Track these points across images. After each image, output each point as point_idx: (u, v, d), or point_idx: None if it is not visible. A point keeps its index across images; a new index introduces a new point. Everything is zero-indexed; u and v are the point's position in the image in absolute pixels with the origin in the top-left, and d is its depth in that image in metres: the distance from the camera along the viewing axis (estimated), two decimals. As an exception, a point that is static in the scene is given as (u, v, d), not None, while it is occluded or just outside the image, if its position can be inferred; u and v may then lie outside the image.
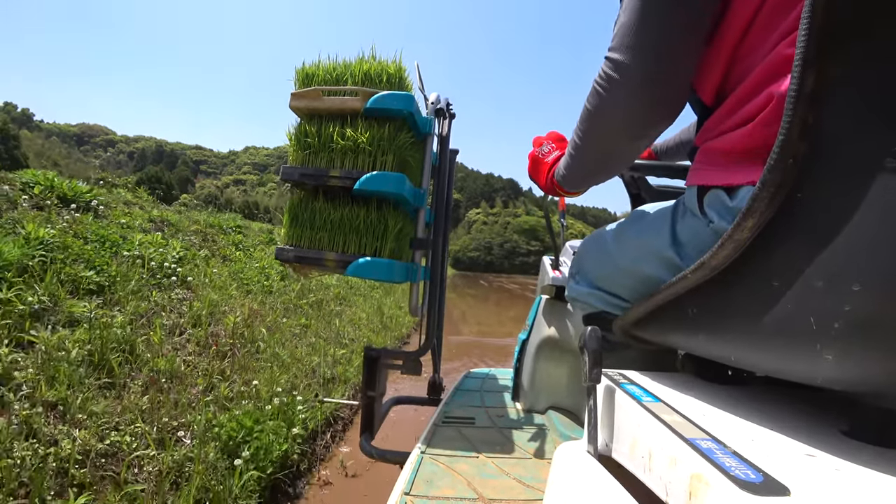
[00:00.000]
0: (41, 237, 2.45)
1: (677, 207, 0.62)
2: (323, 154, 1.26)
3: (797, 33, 0.43)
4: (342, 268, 1.23)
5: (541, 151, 0.84)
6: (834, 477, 0.33)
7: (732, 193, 0.50)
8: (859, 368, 0.36)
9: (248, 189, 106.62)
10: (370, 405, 1.38)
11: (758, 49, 0.50)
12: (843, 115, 0.35)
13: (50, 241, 2.45)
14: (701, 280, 0.46)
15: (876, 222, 0.33)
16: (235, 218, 6.60)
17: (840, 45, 0.34)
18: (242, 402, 2.20)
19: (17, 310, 1.88)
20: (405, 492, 0.92)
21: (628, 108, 0.57)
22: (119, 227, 3.34)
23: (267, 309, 3.62)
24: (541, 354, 1.51)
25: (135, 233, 3.44)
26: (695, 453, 0.37)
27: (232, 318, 2.98)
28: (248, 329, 3.04)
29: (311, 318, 4.10)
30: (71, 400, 1.66)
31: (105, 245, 2.92)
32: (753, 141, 0.48)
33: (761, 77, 0.48)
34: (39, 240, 2.42)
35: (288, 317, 3.77)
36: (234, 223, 5.94)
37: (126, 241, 3.13)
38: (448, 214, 1.48)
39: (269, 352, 2.92)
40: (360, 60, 1.30)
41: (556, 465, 0.57)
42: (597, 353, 0.52)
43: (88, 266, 2.54)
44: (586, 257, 0.83)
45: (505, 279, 38.68)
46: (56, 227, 2.71)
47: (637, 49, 0.54)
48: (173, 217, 4.64)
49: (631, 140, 0.63)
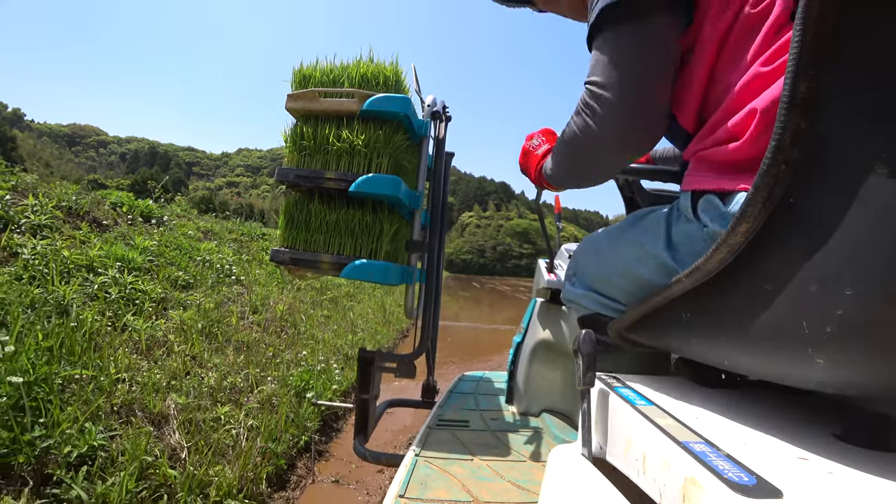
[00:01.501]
0: (146, 246, 3.31)
1: (672, 212, 0.63)
2: (318, 156, 1.26)
3: (769, 52, 0.48)
4: (337, 270, 1.22)
5: (531, 144, 0.90)
6: (826, 479, 0.34)
7: (726, 199, 0.51)
8: (851, 372, 0.36)
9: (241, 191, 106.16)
10: (364, 408, 1.38)
11: (732, 71, 0.53)
12: (834, 120, 0.35)
13: (151, 249, 3.34)
14: (695, 284, 0.47)
15: (867, 226, 0.33)
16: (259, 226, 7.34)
17: (832, 52, 0.34)
18: (300, 365, 3.06)
19: (151, 297, 2.70)
20: (400, 494, 0.92)
21: (612, 137, 0.62)
22: (184, 238, 4.25)
23: (298, 302, 4.45)
24: (535, 357, 1.51)
25: (194, 241, 4.38)
26: (688, 456, 0.37)
27: (279, 307, 3.86)
28: (290, 316, 3.91)
29: (331, 311, 4.99)
30: (201, 354, 2.48)
31: (182, 252, 3.78)
32: (743, 154, 0.49)
33: (741, 96, 0.51)
34: (145, 248, 3.27)
35: (314, 309, 4.62)
36: (259, 231, 6.70)
37: (193, 248, 4.07)
38: (444, 217, 1.49)
39: (308, 334, 3.79)
40: (357, 62, 1.30)
41: (551, 467, 0.57)
42: (591, 357, 0.52)
43: (178, 268, 3.39)
44: (582, 260, 0.83)
45: (498, 281, 39.06)
46: (153, 238, 3.61)
47: (617, 83, 0.58)
48: (215, 227, 5.72)
49: (613, 162, 0.68)
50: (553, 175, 0.79)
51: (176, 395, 1.95)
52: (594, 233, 0.86)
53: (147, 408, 1.80)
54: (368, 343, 4.56)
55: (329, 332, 4.14)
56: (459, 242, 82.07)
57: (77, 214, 3.24)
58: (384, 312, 6.29)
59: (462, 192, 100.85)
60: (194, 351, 2.44)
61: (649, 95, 0.58)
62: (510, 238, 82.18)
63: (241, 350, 2.81)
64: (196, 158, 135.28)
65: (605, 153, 0.66)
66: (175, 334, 2.48)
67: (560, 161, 0.75)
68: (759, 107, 0.47)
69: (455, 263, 73.64)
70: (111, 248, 2.87)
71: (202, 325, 2.74)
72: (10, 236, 2.35)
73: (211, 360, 2.46)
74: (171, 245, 3.73)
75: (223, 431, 1.92)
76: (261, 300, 3.78)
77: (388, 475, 2.25)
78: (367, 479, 2.19)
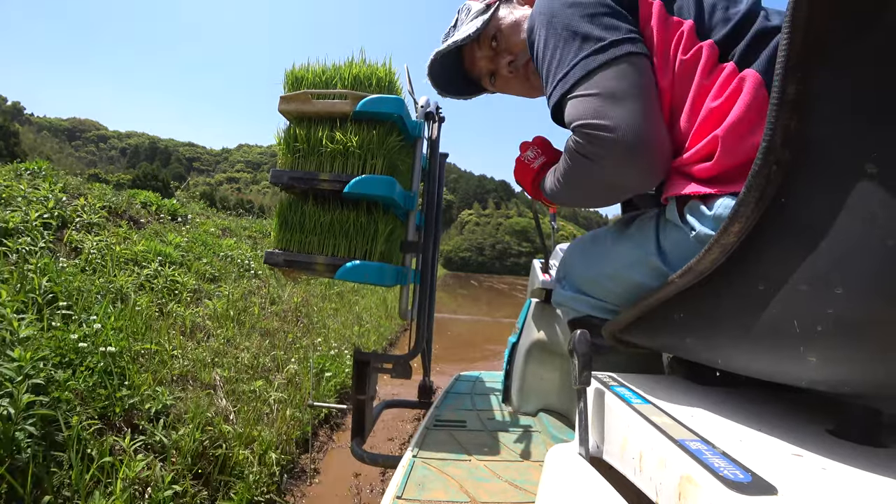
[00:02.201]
0: (178, 242, 3.79)
1: (659, 219, 0.64)
2: (312, 157, 1.26)
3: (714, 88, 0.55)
4: (332, 271, 1.22)
5: (526, 157, 0.86)
6: (820, 476, 0.34)
7: (709, 202, 0.54)
8: (842, 369, 0.37)
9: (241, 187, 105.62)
10: (361, 409, 1.38)
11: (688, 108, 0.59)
12: (823, 121, 0.36)
13: (182, 245, 3.78)
14: (688, 285, 0.47)
15: (857, 226, 0.34)
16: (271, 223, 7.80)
17: (820, 54, 0.35)
18: (316, 350, 3.41)
19: (187, 288, 3.11)
20: (397, 496, 0.92)
21: (616, 178, 0.61)
22: (207, 235, 4.76)
23: (310, 296, 4.88)
24: (531, 357, 1.51)
25: (215, 238, 4.87)
26: (684, 454, 0.37)
27: (294, 299, 4.32)
28: (304, 308, 4.33)
29: (339, 304, 5.42)
30: (234, 338, 2.88)
31: (207, 248, 4.26)
32: (716, 170, 0.53)
33: (702, 128, 0.56)
34: (177, 244, 3.73)
35: (324, 302, 5.05)
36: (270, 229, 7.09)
37: (216, 245, 4.55)
38: (438, 218, 1.48)
39: (321, 323, 4.21)
40: (349, 64, 1.30)
41: (548, 467, 0.58)
42: (586, 356, 0.53)
43: (206, 262, 3.84)
44: (572, 263, 0.83)
45: (496, 279, 39.25)
46: (182, 235, 4.15)
47: (620, 121, 0.56)
48: (232, 224, 6.34)
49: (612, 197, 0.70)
50: (553, 197, 0.77)
51: (220, 370, 2.36)
52: (582, 236, 0.86)
53: (199, 378, 2.20)
54: (373, 334, 4.91)
55: (338, 323, 4.53)
56: (458, 240, 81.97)
57: (117, 213, 3.73)
58: (386, 308, 6.64)
59: (462, 190, 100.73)
60: (228, 335, 2.87)
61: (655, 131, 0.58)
62: (509, 236, 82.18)
63: (266, 336, 3.22)
64: (196, 154, 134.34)
65: (616, 191, 0.66)
66: (211, 320, 2.93)
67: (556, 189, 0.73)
68: (721, 133, 0.52)
69: (454, 261, 73.53)
70: (151, 244, 3.34)
71: (232, 314, 3.18)
72: (70, 233, 2.78)
73: (242, 343, 2.86)
74: (197, 241, 4.25)
75: (259, 402, 2.28)
76: (277, 293, 4.27)
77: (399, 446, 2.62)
78: (379, 446, 2.55)
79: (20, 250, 2.17)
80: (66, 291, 2.05)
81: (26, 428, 1.28)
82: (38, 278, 1.96)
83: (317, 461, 2.30)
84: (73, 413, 1.46)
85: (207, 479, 1.70)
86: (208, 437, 1.80)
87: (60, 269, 2.20)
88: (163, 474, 1.52)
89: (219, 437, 1.84)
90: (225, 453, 1.78)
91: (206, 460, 1.74)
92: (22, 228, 2.40)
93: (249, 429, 1.99)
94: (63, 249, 2.60)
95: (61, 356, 1.62)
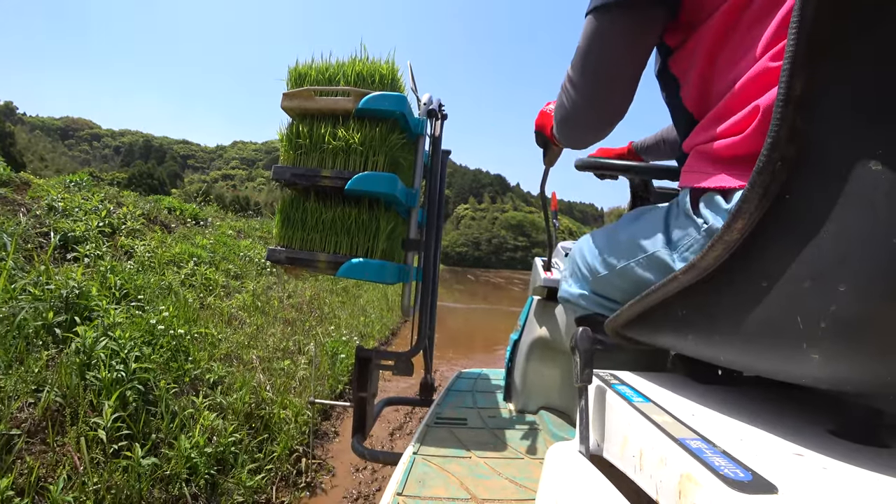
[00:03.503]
0: (204, 244, 4.38)
1: (671, 209, 0.62)
2: (314, 154, 1.26)
3: (780, 46, 0.45)
4: (334, 269, 1.22)
5: (549, 108, 0.99)
6: (821, 475, 0.34)
7: (728, 196, 0.50)
8: (845, 368, 0.36)
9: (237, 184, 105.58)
10: (362, 406, 1.38)
11: (738, 60, 0.51)
12: (830, 118, 0.35)
13: (208, 246, 4.37)
14: (691, 281, 0.47)
15: (861, 223, 0.33)
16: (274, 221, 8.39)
17: (828, 50, 0.34)
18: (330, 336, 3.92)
19: (219, 284, 3.68)
20: (398, 492, 0.92)
21: (580, 115, 0.70)
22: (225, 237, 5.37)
23: (319, 290, 5.43)
24: (532, 355, 1.51)
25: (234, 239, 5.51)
26: (685, 453, 0.37)
27: (307, 293, 4.91)
28: (317, 300, 4.94)
29: (345, 298, 6.00)
30: (263, 326, 3.42)
31: (228, 248, 4.83)
32: (744, 149, 0.48)
33: (747, 90, 0.49)
34: (204, 246, 4.33)
35: (332, 296, 5.63)
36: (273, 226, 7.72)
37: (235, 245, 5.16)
38: (440, 215, 1.48)
39: (332, 314, 4.80)
40: (352, 60, 1.30)
41: (549, 464, 0.58)
42: (588, 354, 0.52)
43: (230, 262, 4.41)
44: (579, 259, 0.83)
45: (492, 274, 39.56)
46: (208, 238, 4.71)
47: (582, 72, 0.64)
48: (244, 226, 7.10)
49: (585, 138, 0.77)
50: (556, 134, 0.87)
51: (255, 351, 2.92)
52: (592, 232, 0.86)
53: (240, 357, 2.74)
54: (377, 323, 5.44)
55: (346, 314, 5.16)
56: (455, 235, 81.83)
57: (149, 219, 4.34)
58: (387, 301, 7.30)
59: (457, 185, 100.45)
60: (258, 323, 3.43)
61: (612, 87, 0.64)
62: (505, 231, 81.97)
63: (287, 324, 3.82)
64: (191, 151, 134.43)
65: (577, 130, 0.74)
66: (242, 311, 3.51)
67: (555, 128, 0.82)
68: (763, 105, 0.45)
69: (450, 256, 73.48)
70: (184, 247, 3.93)
71: (259, 304, 3.79)
72: (121, 239, 3.34)
73: (269, 330, 3.43)
74: (219, 243, 4.87)
75: (287, 377, 2.80)
76: (292, 288, 4.90)
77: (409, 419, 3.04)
78: (390, 416, 3.02)
79: (90, 255, 2.74)
80: (134, 288, 2.59)
81: (136, 386, 1.79)
82: (112, 277, 2.52)
83: (336, 426, 2.87)
84: (160, 379, 1.93)
85: (257, 432, 2.21)
86: (254, 401, 2.33)
87: (125, 270, 2.78)
88: (225, 426, 2.02)
89: (262, 402, 2.37)
90: (268, 413, 2.32)
91: (254, 418, 2.26)
92: (87, 237, 2.97)
93: (282, 398, 2.50)
94: (117, 253, 3.16)
95: (144, 337, 2.10)
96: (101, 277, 2.48)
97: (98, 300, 2.14)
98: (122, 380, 1.75)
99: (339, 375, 3.28)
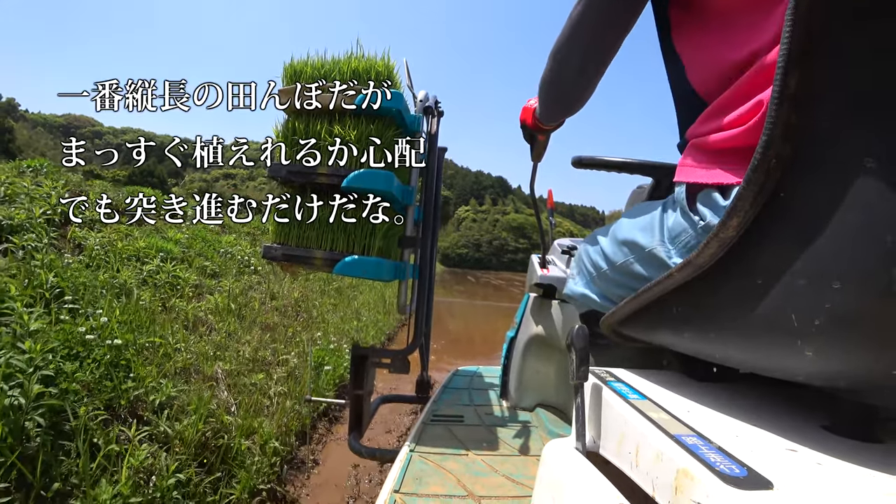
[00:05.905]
0: (178, 238, 3.88)
1: (667, 205, 0.61)
2: (310, 151, 1.25)
3: None
4: (330, 266, 1.22)
5: (530, 103, 1.04)
6: (815, 471, 0.34)
7: (726, 193, 0.49)
8: (838, 364, 0.37)
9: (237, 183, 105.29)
10: (358, 404, 1.38)
11: (742, 49, 0.50)
12: (824, 115, 0.36)
13: (182, 241, 3.90)
14: (686, 279, 0.47)
15: (855, 221, 0.34)
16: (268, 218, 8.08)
17: (822, 48, 0.34)
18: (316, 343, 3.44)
19: (189, 283, 3.15)
20: (395, 490, 0.92)
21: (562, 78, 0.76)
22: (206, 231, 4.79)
23: (309, 291, 4.94)
24: (529, 352, 1.52)
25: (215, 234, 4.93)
26: (680, 449, 0.37)
27: (293, 294, 4.39)
28: (304, 303, 4.42)
29: (338, 300, 5.48)
30: (236, 332, 2.94)
31: (207, 244, 4.34)
32: (742, 142, 0.47)
33: (750, 83, 0.48)
34: (178, 240, 3.82)
35: (322, 297, 5.08)
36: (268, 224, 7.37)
37: (216, 241, 4.64)
38: (437, 212, 1.48)
39: (320, 318, 4.27)
40: (348, 57, 1.29)
41: (545, 461, 0.58)
42: (584, 352, 0.53)
43: (206, 259, 3.95)
44: (585, 257, 0.83)
45: (492, 276, 39.47)
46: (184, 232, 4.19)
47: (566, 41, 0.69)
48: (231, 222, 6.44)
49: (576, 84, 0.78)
50: (540, 112, 0.93)
51: (221, 363, 2.41)
52: (599, 229, 0.86)
53: (201, 371, 2.24)
54: (372, 328, 5.02)
55: (337, 318, 4.62)
56: (455, 237, 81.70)
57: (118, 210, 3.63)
58: (384, 303, 6.78)
59: (459, 187, 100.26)
60: (230, 329, 2.93)
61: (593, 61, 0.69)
62: (506, 233, 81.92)
63: (267, 330, 3.31)
64: (192, 150, 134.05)
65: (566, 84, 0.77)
66: (213, 315, 3.00)
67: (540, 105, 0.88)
68: (766, 99, 0.42)
69: (451, 258, 73.45)
70: (152, 241, 3.40)
71: (233, 308, 3.25)
72: (73, 230, 2.84)
73: (244, 337, 2.94)
74: (197, 238, 4.31)
75: (259, 394, 2.32)
76: (277, 288, 4.35)
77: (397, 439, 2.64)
78: (378, 439, 2.60)
79: (25, 246, 2.23)
80: (72, 286, 2.10)
81: (35, 418, 1.31)
82: (44, 274, 2.00)
83: (316, 452, 2.39)
84: (81, 404, 1.50)
85: (210, 468, 1.75)
86: (211, 427, 1.85)
87: (66, 266, 2.27)
88: (167, 463, 1.56)
89: (221, 428, 1.90)
90: (227, 443, 1.84)
91: (209, 450, 1.80)
92: (27, 225, 2.46)
93: (250, 420, 2.04)
94: (67, 246, 2.68)
95: (69, 349, 1.67)
96: (25, 274, 1.96)
97: (16, 302, 1.67)
98: (20, 407, 1.29)
99: (324, 389, 2.86)
